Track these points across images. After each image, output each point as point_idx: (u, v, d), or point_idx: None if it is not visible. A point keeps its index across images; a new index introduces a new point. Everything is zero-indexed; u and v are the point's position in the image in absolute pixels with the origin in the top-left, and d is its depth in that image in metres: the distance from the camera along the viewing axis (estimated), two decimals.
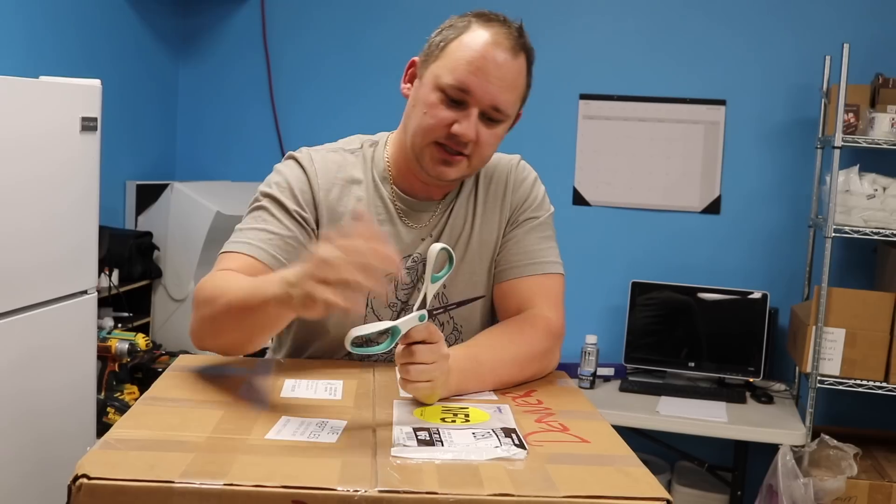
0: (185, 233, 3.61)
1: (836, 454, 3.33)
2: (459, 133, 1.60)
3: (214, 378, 1.51)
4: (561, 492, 1.06)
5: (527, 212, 1.77)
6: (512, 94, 1.63)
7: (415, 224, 1.74)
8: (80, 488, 0.99)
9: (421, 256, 1.73)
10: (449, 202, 1.76)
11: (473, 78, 1.59)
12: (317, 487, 1.02)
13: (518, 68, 1.63)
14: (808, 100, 3.81)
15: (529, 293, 1.71)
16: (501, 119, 1.64)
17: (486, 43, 1.60)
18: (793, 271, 3.88)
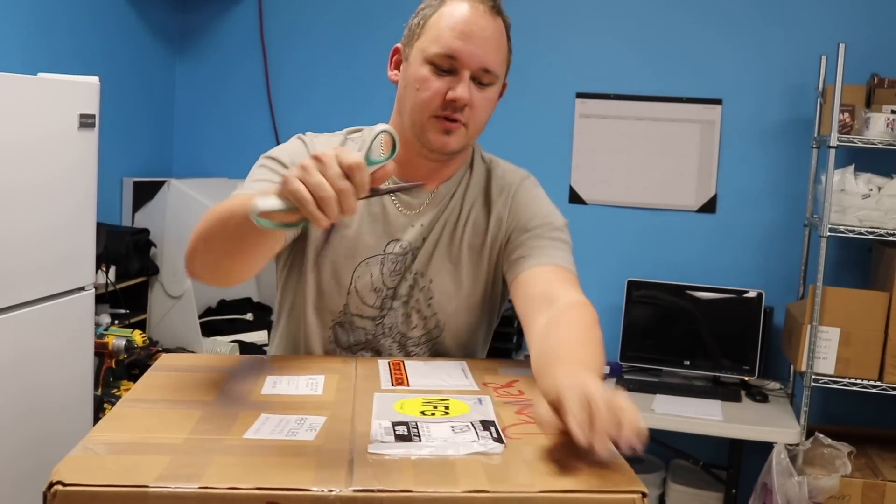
0: (181, 230, 3.62)
1: (831, 452, 3.33)
2: (456, 97, 1.62)
3: (196, 377, 1.51)
4: (536, 487, 1.06)
5: (535, 220, 1.75)
6: (498, 55, 1.65)
7: (406, 210, 1.74)
8: (55, 495, 1.00)
9: (410, 244, 1.74)
10: (444, 194, 1.76)
11: (459, 43, 1.61)
12: (291, 488, 1.02)
13: (499, 28, 1.66)
14: (804, 99, 3.82)
15: (556, 277, 1.67)
16: (492, 81, 1.66)
17: (464, 9, 1.64)
18: (788, 270, 3.89)
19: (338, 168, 1.15)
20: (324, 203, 1.14)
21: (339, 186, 1.14)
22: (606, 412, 1.11)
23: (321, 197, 1.14)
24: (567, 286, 1.65)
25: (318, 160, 1.15)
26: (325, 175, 1.14)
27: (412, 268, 1.75)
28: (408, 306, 1.76)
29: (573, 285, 1.66)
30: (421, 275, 1.75)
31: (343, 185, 1.14)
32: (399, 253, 1.74)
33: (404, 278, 1.75)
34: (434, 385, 1.50)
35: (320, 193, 1.14)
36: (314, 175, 1.14)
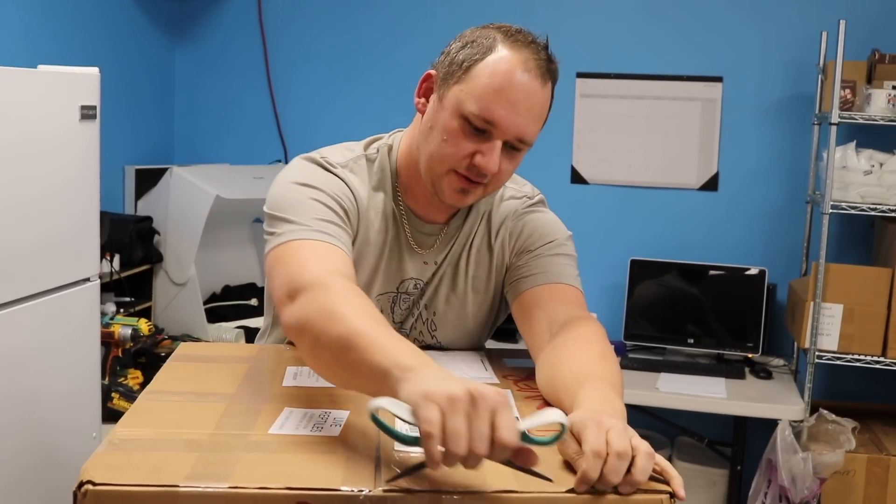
0: (185, 217, 3.62)
1: (835, 428, 3.35)
2: (482, 166, 1.50)
3: (217, 367, 1.52)
4: (563, 486, 1.07)
5: (536, 242, 1.69)
6: (537, 124, 1.53)
7: (420, 248, 1.68)
8: (85, 494, 1.01)
9: (421, 282, 1.70)
10: (454, 227, 1.70)
11: (501, 109, 1.47)
12: (321, 488, 1.03)
13: (545, 97, 1.52)
14: (805, 76, 3.81)
15: (559, 298, 1.60)
16: (524, 148, 1.54)
17: (514, 70, 1.48)
18: (790, 247, 3.90)
19: (487, 429, 1.01)
20: (449, 452, 1.00)
21: (477, 449, 1.01)
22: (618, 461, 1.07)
23: (451, 447, 1.00)
24: (569, 304, 1.60)
25: (474, 405, 1.01)
26: (470, 427, 1.01)
27: (420, 303, 1.72)
28: (409, 336, 1.72)
29: (575, 302, 1.61)
30: (426, 308, 1.72)
31: (480, 450, 1.01)
32: (411, 292, 1.70)
33: (411, 314, 1.72)
34: None
35: (453, 443, 1.00)
36: (458, 421, 1.00)
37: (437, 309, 1.72)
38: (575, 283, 1.65)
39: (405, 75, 4.27)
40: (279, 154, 4.30)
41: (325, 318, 1.25)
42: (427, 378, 1.08)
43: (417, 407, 1.02)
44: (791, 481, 3.18)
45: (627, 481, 1.07)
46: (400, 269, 1.68)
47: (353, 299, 1.30)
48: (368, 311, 1.27)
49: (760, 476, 3.44)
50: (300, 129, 4.31)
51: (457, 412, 1.01)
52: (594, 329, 1.50)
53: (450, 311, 1.73)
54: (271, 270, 1.49)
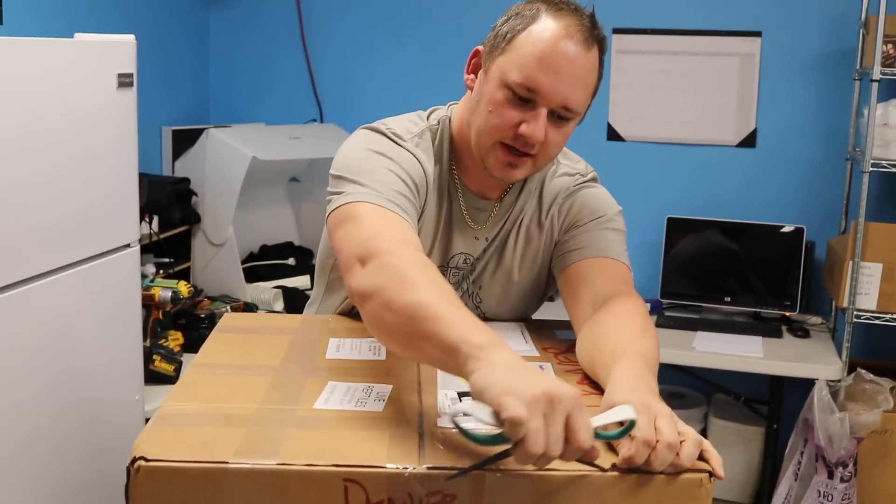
0: (222, 178, 3.63)
1: (872, 388, 3.34)
2: (527, 134, 1.50)
3: (260, 339, 1.54)
4: (604, 465, 1.08)
5: (584, 217, 1.68)
6: (584, 92, 1.51)
7: (474, 223, 1.69)
8: (138, 470, 1.03)
9: (472, 257, 1.71)
10: (507, 207, 1.71)
11: (543, 76, 1.47)
12: (367, 465, 1.05)
13: (591, 63, 1.51)
14: (846, 30, 3.74)
15: (603, 272, 1.60)
16: (571, 117, 1.53)
17: (556, 36, 1.47)
18: (829, 205, 3.86)
19: (563, 431, 1.02)
20: (527, 453, 1.01)
21: (552, 451, 1.02)
22: (667, 451, 1.07)
23: (529, 448, 1.00)
24: (614, 279, 1.59)
25: (552, 406, 1.02)
26: (547, 429, 1.01)
27: (468, 277, 1.73)
28: None
29: (620, 277, 1.61)
30: (473, 282, 1.74)
31: (555, 452, 1.02)
32: (461, 266, 1.71)
33: (458, 287, 1.73)
34: None
35: (532, 444, 1.00)
36: (537, 423, 1.00)
37: (483, 283, 1.74)
38: (622, 258, 1.65)
39: (442, 34, 4.26)
40: (314, 113, 4.30)
41: (398, 285, 1.24)
42: (501, 367, 1.07)
43: (501, 408, 1.01)
44: (828, 441, 3.18)
45: (672, 464, 1.08)
46: (450, 243, 1.69)
47: (427, 271, 1.29)
48: (442, 284, 1.27)
49: (797, 435, 3.44)
50: (335, 88, 4.30)
51: (536, 414, 1.01)
52: (635, 304, 1.50)
53: (495, 284, 1.73)
54: (336, 230, 1.48)
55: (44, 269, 2.22)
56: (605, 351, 1.35)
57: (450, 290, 1.26)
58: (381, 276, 1.28)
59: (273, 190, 4.15)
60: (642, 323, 1.44)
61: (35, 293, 2.19)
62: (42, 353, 2.22)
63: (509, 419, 1.00)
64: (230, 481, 1.04)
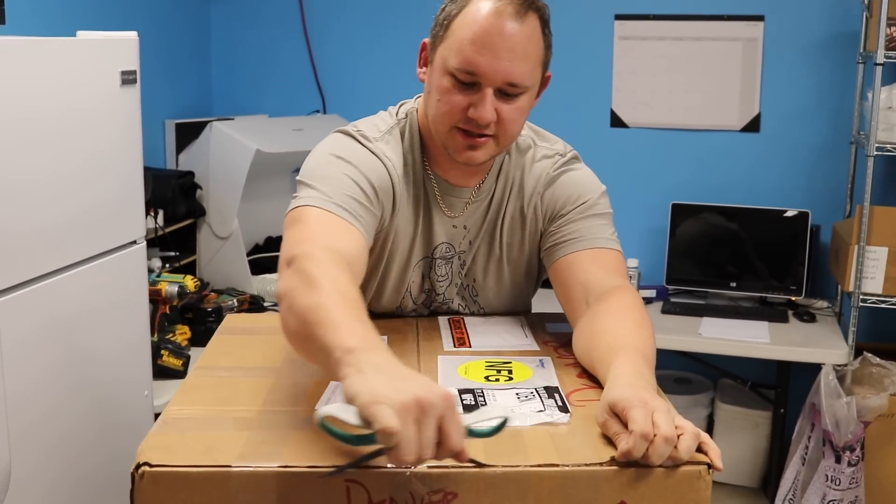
0: (226, 171, 3.64)
1: (879, 372, 3.34)
2: (476, 117, 1.51)
3: (262, 341, 1.55)
4: (603, 459, 1.09)
5: (568, 204, 1.67)
6: (526, 64, 1.51)
7: (450, 212, 1.69)
8: (142, 476, 1.04)
9: (455, 247, 1.70)
10: (486, 193, 1.70)
11: (480, 57, 1.48)
12: (368, 466, 1.06)
13: (528, 33, 1.50)
14: (850, 13, 3.73)
15: (592, 264, 1.60)
16: (520, 92, 1.53)
17: (488, 14, 1.48)
18: (834, 188, 3.85)
19: (435, 436, 1.02)
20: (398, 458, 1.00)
21: (424, 455, 1.01)
22: (664, 444, 1.08)
23: (401, 455, 1.00)
24: (605, 270, 1.58)
25: (423, 413, 1.00)
26: (420, 435, 1.00)
27: (460, 271, 1.73)
28: (454, 304, 1.75)
29: (611, 267, 1.60)
30: (465, 275, 1.74)
31: (427, 455, 1.02)
32: (445, 256, 1.71)
33: (452, 282, 1.73)
34: (495, 345, 1.52)
35: (404, 451, 1.00)
36: (409, 430, 1.00)
37: (477, 276, 1.74)
38: (610, 245, 1.64)
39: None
40: (317, 104, 4.30)
41: (302, 288, 1.25)
42: (371, 372, 1.06)
43: (372, 418, 1.00)
44: (835, 425, 3.19)
45: (670, 457, 1.09)
46: (432, 234, 1.69)
47: (333, 274, 1.29)
48: (343, 288, 1.26)
49: (804, 420, 3.44)
50: (338, 79, 4.30)
51: (407, 422, 1.00)
52: (629, 298, 1.50)
53: (489, 278, 1.74)
54: (284, 232, 1.51)
55: (52, 267, 2.23)
56: (602, 347, 1.36)
57: (350, 294, 1.25)
58: (292, 280, 1.29)
59: (277, 181, 4.15)
60: (638, 317, 1.44)
61: (44, 291, 2.20)
62: (51, 351, 2.24)
63: (381, 431, 0.99)
64: (234, 485, 1.05)
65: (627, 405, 1.12)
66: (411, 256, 1.69)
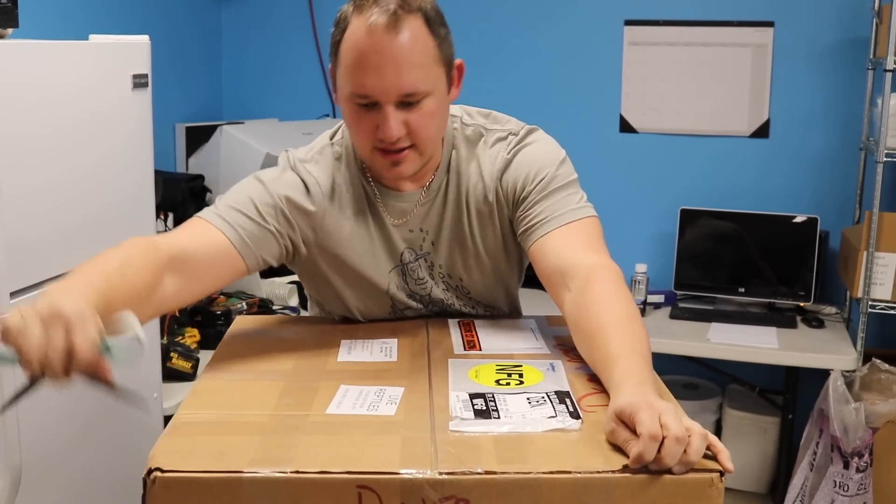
0: (236, 175, 3.59)
1: (888, 378, 3.33)
2: (383, 137, 1.50)
3: (272, 343, 1.56)
4: (615, 466, 1.09)
5: (528, 179, 1.63)
6: (415, 71, 1.49)
7: (399, 219, 1.67)
8: (154, 481, 1.05)
9: (420, 251, 1.68)
10: (436, 191, 1.67)
11: (366, 79, 1.47)
12: (381, 472, 1.06)
13: (406, 42, 1.47)
14: (859, 20, 3.72)
15: (564, 244, 1.56)
16: (420, 98, 1.51)
17: (362, 35, 1.47)
18: (843, 194, 3.85)
19: (60, 340, 1.11)
20: (26, 357, 1.10)
21: (50, 359, 1.10)
22: (675, 445, 1.09)
23: (25, 351, 1.10)
24: (579, 247, 1.55)
25: (52, 318, 1.11)
26: (46, 340, 1.10)
27: (438, 272, 1.71)
28: (449, 301, 1.74)
29: (586, 241, 1.56)
30: (449, 276, 1.71)
31: (53, 361, 1.11)
32: (412, 261, 1.69)
33: (435, 284, 1.72)
34: (506, 349, 1.52)
35: (28, 348, 1.10)
36: (33, 330, 1.10)
37: (461, 275, 1.71)
38: (576, 216, 1.59)
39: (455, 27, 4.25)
40: (327, 108, 4.31)
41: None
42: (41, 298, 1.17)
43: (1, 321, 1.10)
44: (843, 431, 3.18)
45: (681, 461, 1.09)
46: (391, 243, 1.67)
47: (116, 251, 1.44)
48: (107, 255, 1.41)
49: (812, 426, 3.44)
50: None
51: (33, 323, 1.09)
52: (609, 281, 1.46)
53: (472, 274, 1.71)
54: None
55: (63, 269, 2.21)
56: (601, 350, 1.34)
57: (102, 259, 1.40)
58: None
59: None
60: (625, 307, 1.40)
61: None
62: None
63: (4, 328, 1.08)
64: (246, 490, 1.06)
65: (634, 410, 1.12)
66: (378, 268, 1.68)
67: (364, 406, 1.27)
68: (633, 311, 1.41)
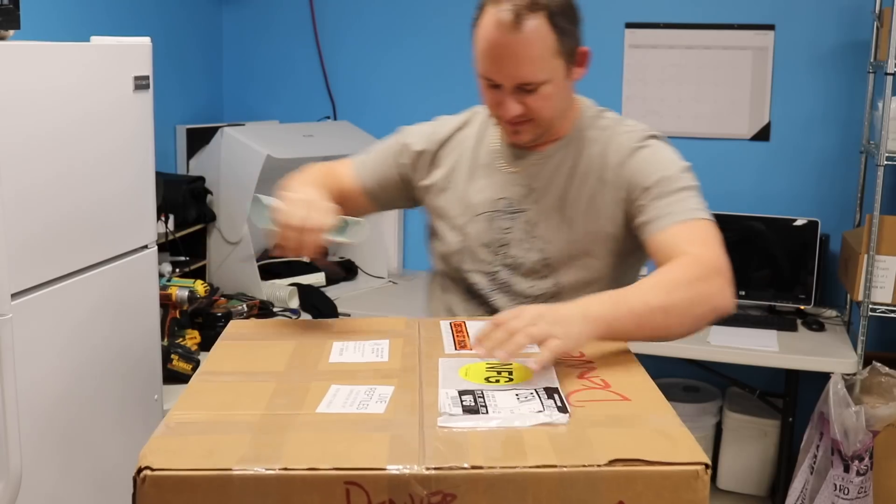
0: (236, 177, 3.66)
1: (888, 381, 3.33)
2: (501, 114, 1.75)
3: (265, 346, 1.57)
4: (601, 459, 1.10)
5: (652, 177, 1.76)
6: (531, 65, 1.68)
7: (509, 168, 1.86)
8: (144, 480, 1.06)
9: (516, 202, 1.84)
10: (550, 156, 1.84)
11: (490, 67, 1.71)
12: (368, 468, 1.07)
13: (527, 38, 1.66)
14: (860, 23, 3.72)
15: (675, 240, 1.69)
16: (536, 87, 1.71)
17: (490, 28, 1.67)
18: (844, 197, 3.85)
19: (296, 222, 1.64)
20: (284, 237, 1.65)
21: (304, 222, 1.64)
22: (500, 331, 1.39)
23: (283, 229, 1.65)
24: (690, 242, 1.67)
25: (294, 204, 1.67)
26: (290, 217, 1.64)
27: (522, 227, 1.84)
28: (522, 267, 1.84)
29: (697, 239, 1.68)
30: (532, 236, 1.84)
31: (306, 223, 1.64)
32: (506, 210, 1.85)
33: (517, 236, 1.84)
34: None
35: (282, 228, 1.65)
36: (293, 208, 1.65)
37: (543, 233, 1.83)
38: (693, 215, 1.72)
39: (455, 29, 4.25)
40: (328, 111, 4.32)
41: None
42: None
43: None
44: (843, 435, 3.18)
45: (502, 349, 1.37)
46: (492, 187, 1.87)
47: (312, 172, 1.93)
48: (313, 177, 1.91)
49: (812, 429, 3.44)
50: (349, 85, 4.32)
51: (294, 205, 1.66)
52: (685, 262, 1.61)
53: (558, 242, 1.82)
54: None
55: (64, 271, 2.25)
56: None
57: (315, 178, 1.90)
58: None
59: None
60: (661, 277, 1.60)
61: (55, 295, 2.22)
62: (63, 354, 2.26)
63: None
64: (235, 488, 1.06)
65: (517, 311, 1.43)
66: (466, 209, 1.88)
67: (354, 405, 1.28)
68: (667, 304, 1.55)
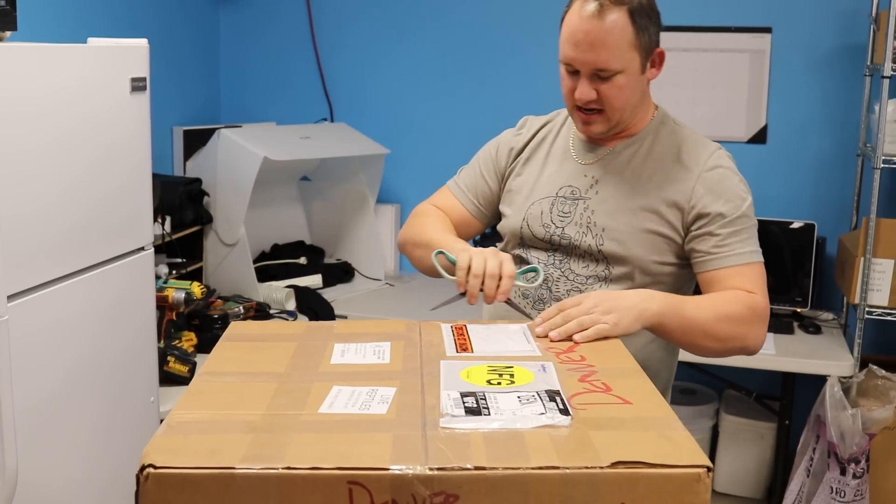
0: (233, 178, 3.65)
1: (885, 384, 3.34)
2: (577, 98, 1.87)
3: (266, 347, 1.56)
4: (604, 461, 1.10)
5: (715, 204, 1.89)
6: (609, 53, 1.82)
7: (581, 159, 1.99)
8: (147, 477, 1.06)
9: (580, 192, 1.96)
10: (620, 152, 1.96)
11: (571, 52, 1.85)
12: (371, 468, 1.07)
13: (609, 27, 1.80)
14: (857, 26, 3.73)
15: (731, 282, 1.84)
16: (611, 75, 1.84)
17: (575, 18, 1.83)
18: (840, 201, 3.85)
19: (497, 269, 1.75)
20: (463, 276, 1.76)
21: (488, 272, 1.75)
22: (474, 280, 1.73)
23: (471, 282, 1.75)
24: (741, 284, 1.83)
25: (490, 255, 1.77)
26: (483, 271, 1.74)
27: (583, 215, 1.95)
28: (578, 249, 1.95)
29: (754, 286, 1.84)
30: (589, 222, 1.94)
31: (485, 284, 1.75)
32: (569, 197, 1.97)
33: (574, 221, 1.95)
34: (497, 351, 1.53)
35: (471, 281, 1.75)
36: (477, 263, 1.74)
37: (605, 224, 1.93)
38: (749, 258, 1.87)
39: (452, 33, 4.26)
40: (325, 112, 4.32)
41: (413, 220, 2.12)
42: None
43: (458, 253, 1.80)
44: (840, 437, 3.19)
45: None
46: (560, 175, 2.00)
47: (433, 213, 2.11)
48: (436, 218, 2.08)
49: (809, 431, 3.44)
50: (346, 87, 4.32)
51: (476, 258, 1.75)
52: (745, 296, 1.81)
53: (621, 233, 1.92)
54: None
55: (60, 273, 2.25)
56: None
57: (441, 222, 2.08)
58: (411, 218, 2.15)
59: (284, 189, 4.17)
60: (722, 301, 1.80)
61: (52, 297, 2.22)
62: (59, 356, 2.25)
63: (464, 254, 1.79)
64: (237, 487, 1.06)
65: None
66: (532, 192, 2.02)
67: (356, 405, 1.27)
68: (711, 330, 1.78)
